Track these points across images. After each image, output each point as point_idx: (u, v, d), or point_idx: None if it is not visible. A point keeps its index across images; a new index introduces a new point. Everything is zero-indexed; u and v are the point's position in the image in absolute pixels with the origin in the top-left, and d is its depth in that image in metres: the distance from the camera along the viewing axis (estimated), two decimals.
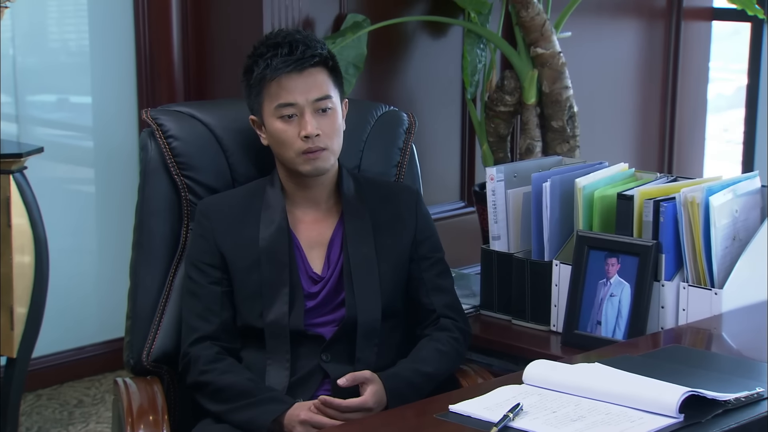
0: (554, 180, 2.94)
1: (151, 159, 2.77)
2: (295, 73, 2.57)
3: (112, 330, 4.42)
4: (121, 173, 4.44)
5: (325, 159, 2.60)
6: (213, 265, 2.64)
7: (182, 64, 4.39)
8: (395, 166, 2.90)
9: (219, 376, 2.56)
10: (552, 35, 4.35)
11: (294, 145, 2.58)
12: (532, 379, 2.25)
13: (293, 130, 2.58)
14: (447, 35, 4.63)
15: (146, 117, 2.79)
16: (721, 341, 2.67)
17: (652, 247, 2.76)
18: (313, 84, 2.59)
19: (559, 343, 2.92)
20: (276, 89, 2.58)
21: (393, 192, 2.76)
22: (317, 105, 2.58)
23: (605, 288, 2.84)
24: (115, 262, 4.45)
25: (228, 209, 2.67)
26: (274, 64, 2.57)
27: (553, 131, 4.39)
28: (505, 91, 4.41)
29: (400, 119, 2.96)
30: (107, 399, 4.18)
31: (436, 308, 2.71)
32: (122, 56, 4.41)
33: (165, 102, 4.36)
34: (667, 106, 5.34)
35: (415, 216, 2.73)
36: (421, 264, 2.72)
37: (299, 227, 2.67)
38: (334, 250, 2.66)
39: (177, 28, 4.36)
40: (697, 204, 2.72)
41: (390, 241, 2.68)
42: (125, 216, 4.42)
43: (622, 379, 2.18)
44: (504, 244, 3.07)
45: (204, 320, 2.62)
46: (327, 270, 2.65)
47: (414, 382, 2.59)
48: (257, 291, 2.61)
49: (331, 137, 2.60)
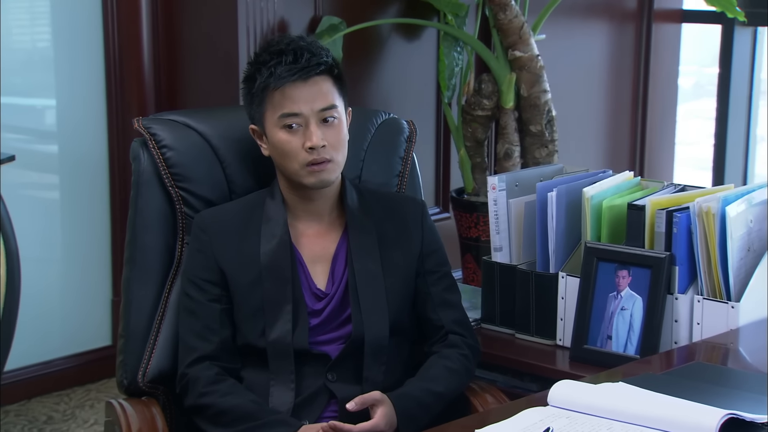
0: (560, 189, 2.86)
1: (144, 170, 2.65)
2: (300, 81, 2.47)
3: (80, 343, 4.29)
4: (89, 180, 4.29)
5: (330, 171, 2.50)
6: (212, 281, 2.53)
7: (153, 67, 4.26)
8: (397, 175, 2.81)
9: (220, 399, 2.45)
10: (530, 38, 4.28)
11: (298, 157, 2.48)
12: (558, 400, 2.15)
13: (297, 140, 2.48)
14: (421, 38, 4.54)
15: (138, 126, 2.67)
16: (741, 357, 2.59)
17: (665, 259, 2.68)
18: (318, 93, 2.48)
19: (566, 358, 2.83)
20: (280, 98, 2.48)
21: (398, 204, 2.66)
22: (322, 115, 2.48)
23: (616, 301, 2.76)
24: (82, 273, 4.31)
25: (226, 223, 2.56)
26: (278, 72, 2.46)
27: (532, 136, 4.32)
28: (483, 95, 4.33)
29: (400, 127, 2.87)
30: (78, 414, 4.04)
31: (444, 324, 2.61)
32: (89, 58, 4.25)
33: (135, 107, 4.26)
34: (638, 108, 5.29)
35: (421, 229, 2.63)
36: (428, 278, 2.62)
37: (302, 241, 2.56)
38: (339, 264, 2.56)
39: (147, 29, 4.23)
40: (712, 214, 2.65)
41: (396, 255, 2.58)
42: (93, 224, 4.32)
43: (653, 401, 2.09)
44: (506, 256, 2.98)
45: (203, 339, 2.51)
46: (331, 286, 2.55)
47: (424, 402, 2.49)
48: (259, 309, 2.50)
49: (337, 148, 2.50)
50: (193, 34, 4.20)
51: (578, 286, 2.81)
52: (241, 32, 4.03)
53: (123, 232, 4.30)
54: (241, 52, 4.04)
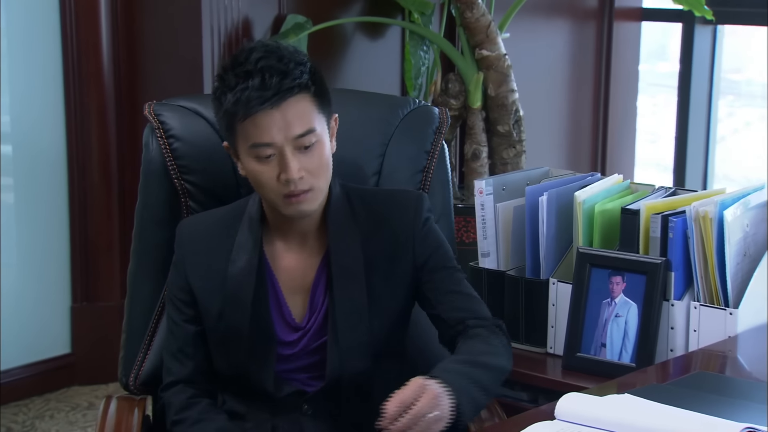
0: (551, 194, 2.79)
1: (151, 160, 2.52)
2: (272, 108, 2.15)
3: (38, 351, 4.18)
4: (46, 182, 4.16)
5: (311, 200, 2.22)
6: (185, 301, 2.34)
7: (112, 65, 4.18)
8: (421, 171, 2.57)
9: (189, 428, 2.30)
10: (497, 37, 4.23)
11: (274, 188, 2.20)
12: (566, 414, 2.09)
13: (272, 171, 2.19)
14: (385, 36, 4.47)
15: (148, 113, 2.53)
16: (740, 365, 2.54)
17: (661, 265, 2.62)
18: (293, 118, 2.17)
19: (558, 366, 2.77)
20: (250, 127, 2.17)
21: (389, 211, 2.36)
22: (299, 142, 2.18)
23: (610, 308, 2.70)
24: (39, 278, 4.18)
25: (201, 236, 2.35)
26: (245, 98, 2.14)
27: (499, 136, 4.27)
28: (450, 95, 4.27)
29: (429, 117, 2.60)
30: (37, 426, 3.92)
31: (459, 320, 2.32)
32: (46, 56, 4.13)
33: (94, 107, 4.19)
34: (599, 107, 5.25)
35: (412, 237, 2.33)
36: (431, 280, 2.34)
37: (280, 264, 2.32)
38: (319, 292, 2.32)
39: (106, 26, 4.16)
40: (710, 219, 2.59)
41: (385, 280, 2.32)
42: (50, 228, 4.19)
43: (665, 414, 2.03)
44: (494, 262, 2.90)
45: (177, 361, 2.36)
46: (308, 319, 2.32)
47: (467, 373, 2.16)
48: (228, 340, 2.31)
49: (318, 175, 2.21)
50: (155, 32, 4.11)
51: (570, 292, 2.74)
52: (205, 31, 3.95)
53: (82, 235, 4.24)
54: (205, 51, 3.95)
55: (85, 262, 4.26)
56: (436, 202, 2.54)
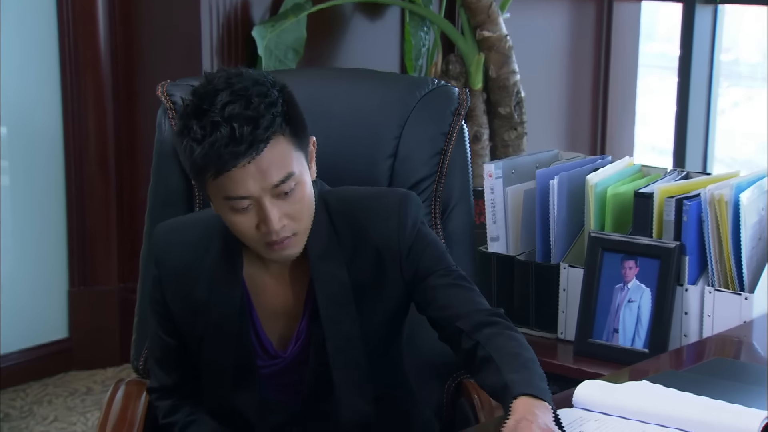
0: (562, 177, 2.74)
1: (164, 141, 2.44)
2: (247, 161, 1.93)
3: (35, 336, 4.13)
4: (42, 165, 4.11)
5: (295, 245, 2.03)
6: (165, 317, 2.19)
7: (109, 47, 4.13)
8: (438, 154, 2.45)
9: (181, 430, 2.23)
10: (498, 17, 4.19)
11: (253, 238, 2.01)
12: (583, 402, 2.04)
13: (250, 221, 1.99)
14: (384, 17, 4.42)
15: (161, 93, 2.45)
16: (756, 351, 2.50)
17: (674, 249, 2.58)
18: (269, 166, 1.94)
19: (569, 352, 2.73)
20: (223, 181, 1.95)
21: (371, 221, 2.14)
22: (277, 190, 1.97)
23: (622, 293, 2.66)
24: (36, 262, 4.13)
25: (179, 256, 2.16)
26: (215, 154, 1.91)
27: (500, 118, 4.24)
28: (450, 76, 4.23)
29: (449, 98, 2.49)
30: (36, 411, 3.87)
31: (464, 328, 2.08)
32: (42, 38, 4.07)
33: (91, 88, 4.14)
34: (599, 88, 5.21)
35: (398, 253, 2.12)
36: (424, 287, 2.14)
37: (259, 291, 2.14)
38: (304, 322, 2.14)
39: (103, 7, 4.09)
40: (725, 202, 2.55)
41: (376, 304, 2.14)
42: (47, 211, 4.14)
43: (685, 402, 2.00)
44: (503, 246, 2.86)
45: (161, 369, 2.25)
46: (293, 346, 2.15)
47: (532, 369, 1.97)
48: (207, 367, 2.18)
49: (300, 219, 2.02)
50: (153, 14, 4.06)
51: (582, 277, 2.70)
52: (203, 12, 3.90)
53: (79, 219, 4.19)
54: (203, 34, 3.91)
55: (83, 247, 4.21)
56: (454, 185, 2.47)
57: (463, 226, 2.48)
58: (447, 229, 2.47)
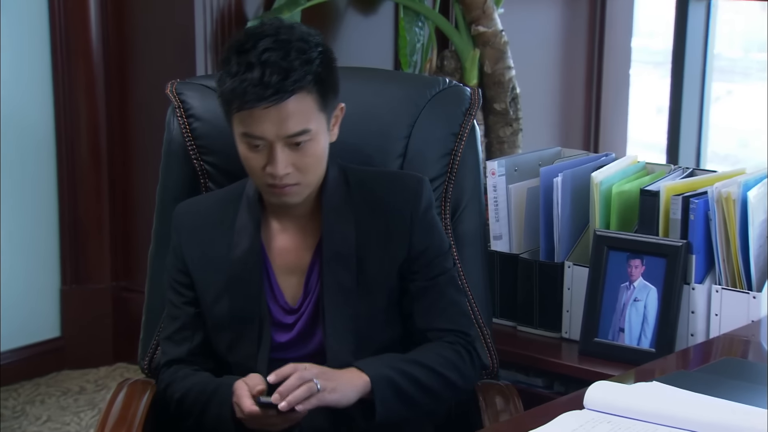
0: (566, 174, 2.71)
1: (172, 139, 2.49)
2: (269, 105, 2.10)
3: (27, 335, 4.07)
4: (33, 161, 4.05)
5: (295, 194, 2.19)
6: (184, 284, 2.32)
7: (101, 41, 4.07)
8: (448, 154, 2.46)
9: (179, 384, 2.29)
10: (494, 12, 4.16)
11: (259, 177, 2.18)
12: (595, 403, 2.02)
13: (260, 160, 2.15)
14: (378, 12, 4.38)
15: (170, 91, 2.48)
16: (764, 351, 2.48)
17: (681, 248, 2.56)
18: (288, 117, 2.11)
19: (574, 351, 2.71)
20: (245, 116, 2.13)
21: (387, 195, 2.29)
22: (291, 140, 2.13)
23: (628, 292, 2.63)
24: (28, 260, 4.07)
25: (198, 220, 2.32)
26: (242, 90, 2.09)
27: (496, 114, 4.21)
28: (446, 72, 4.20)
29: (460, 98, 2.50)
30: (28, 411, 3.82)
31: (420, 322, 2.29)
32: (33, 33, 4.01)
33: (83, 83, 4.08)
34: (593, 83, 5.17)
35: (410, 227, 2.26)
36: (417, 278, 2.28)
37: (274, 247, 2.28)
38: (314, 276, 2.27)
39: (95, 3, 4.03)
40: (733, 200, 2.53)
41: (377, 265, 2.26)
42: (39, 208, 4.08)
43: (698, 403, 1.97)
44: (506, 244, 2.83)
45: (174, 343, 2.33)
46: (303, 300, 2.27)
47: (397, 367, 2.18)
48: (222, 322, 2.28)
49: (306, 171, 2.16)
50: (146, 6, 4.00)
51: (587, 275, 2.68)
52: (197, 6, 3.85)
53: (71, 216, 4.14)
54: (197, 26, 3.86)
55: (75, 244, 4.15)
56: (465, 186, 2.47)
57: (474, 226, 2.49)
58: (458, 230, 2.47)
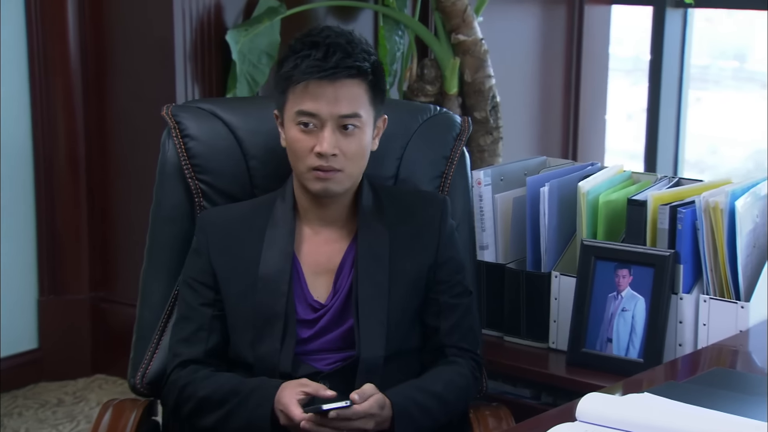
0: (553, 184, 2.70)
1: (167, 160, 2.51)
2: (326, 81, 2.24)
3: (3, 346, 4.02)
4: (11, 170, 4.01)
5: (337, 182, 2.28)
6: (205, 284, 2.36)
7: (80, 52, 4.05)
8: (439, 176, 2.55)
9: (200, 385, 2.31)
10: (473, 21, 4.16)
11: (306, 159, 2.27)
12: (587, 415, 2.00)
13: (309, 141, 2.26)
14: (357, 21, 4.36)
15: (165, 114, 2.51)
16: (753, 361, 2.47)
17: (669, 257, 2.55)
18: (343, 97, 2.25)
19: (561, 361, 2.69)
20: (301, 93, 2.25)
21: (416, 206, 2.42)
22: (342, 121, 2.25)
23: (616, 302, 2.62)
24: (4, 271, 4.03)
25: (228, 224, 2.39)
26: (304, 66, 2.23)
27: (476, 122, 4.20)
28: (426, 81, 4.20)
29: (450, 124, 2.60)
30: (5, 423, 3.78)
31: (445, 337, 2.40)
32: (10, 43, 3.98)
33: (60, 95, 4.06)
34: (570, 92, 5.18)
35: (438, 235, 2.39)
36: (438, 288, 2.39)
37: (305, 249, 2.36)
38: (344, 273, 2.35)
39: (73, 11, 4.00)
40: (720, 209, 2.52)
41: (407, 265, 2.36)
42: (16, 220, 4.04)
43: (690, 414, 1.96)
44: (492, 254, 2.82)
45: (189, 344, 2.36)
46: (332, 297, 2.35)
47: (419, 401, 2.29)
48: (248, 320, 2.33)
49: (351, 159, 2.27)
50: (124, 15, 3.98)
51: (573, 285, 2.67)
52: (176, 15, 3.83)
53: (49, 226, 4.10)
54: (176, 38, 3.84)
55: (52, 254, 4.12)
56: (456, 208, 2.53)
57: (464, 247, 2.53)
58: None
